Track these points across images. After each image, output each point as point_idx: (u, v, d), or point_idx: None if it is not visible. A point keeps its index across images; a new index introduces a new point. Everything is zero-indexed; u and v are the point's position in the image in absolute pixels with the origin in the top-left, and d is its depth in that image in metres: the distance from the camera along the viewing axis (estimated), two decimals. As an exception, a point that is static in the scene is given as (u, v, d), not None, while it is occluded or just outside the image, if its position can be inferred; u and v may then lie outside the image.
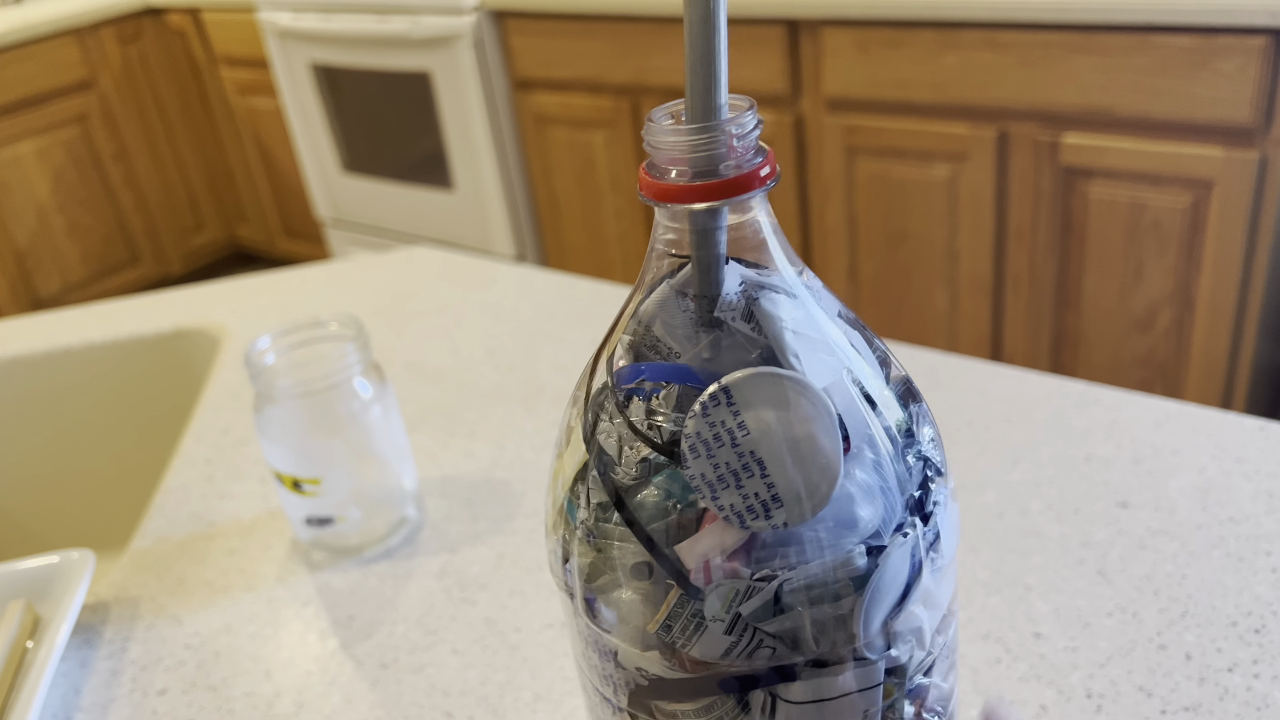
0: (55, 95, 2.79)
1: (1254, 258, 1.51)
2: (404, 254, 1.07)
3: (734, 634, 0.28)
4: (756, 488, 0.27)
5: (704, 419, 0.27)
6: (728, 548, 0.27)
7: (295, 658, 0.57)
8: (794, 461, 0.27)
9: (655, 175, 0.28)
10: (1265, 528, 0.57)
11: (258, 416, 0.61)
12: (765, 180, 0.28)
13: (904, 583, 0.28)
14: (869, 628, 0.28)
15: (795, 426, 0.27)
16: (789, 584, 0.27)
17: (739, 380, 0.27)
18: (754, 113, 0.28)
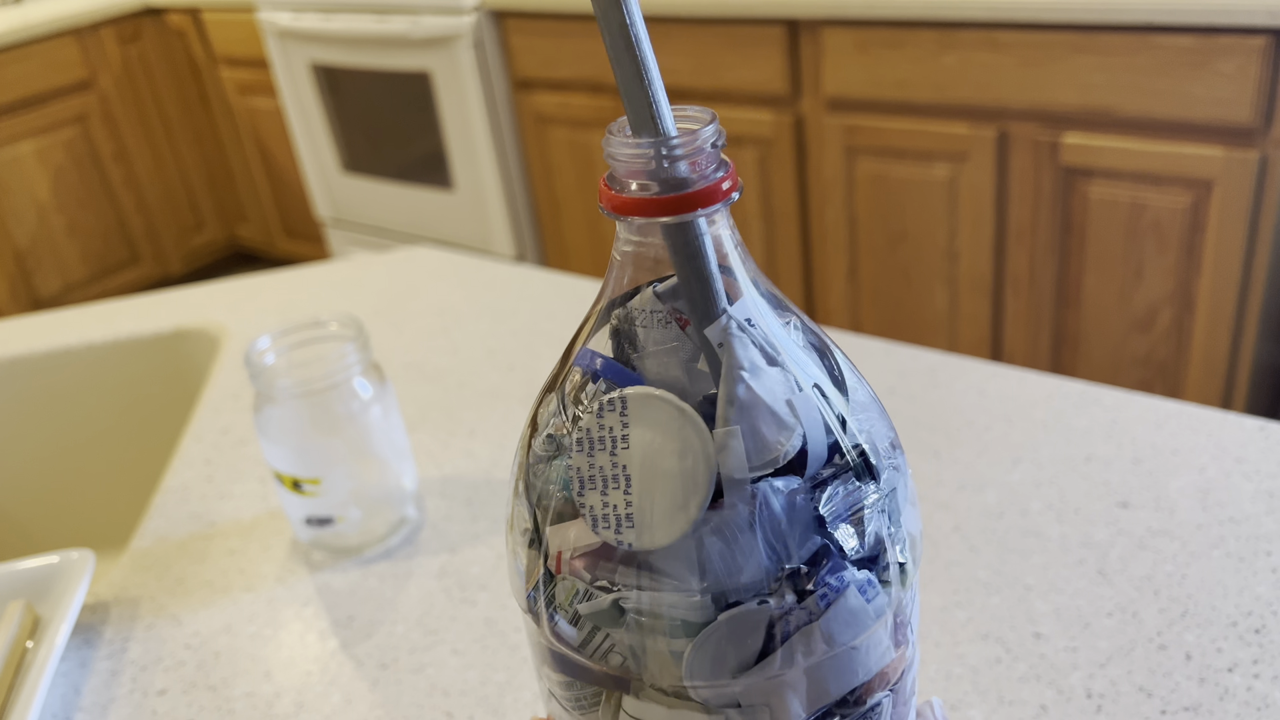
0: (55, 95, 2.79)
1: (1254, 258, 1.51)
2: (404, 254, 1.07)
3: (579, 629, 0.28)
4: (617, 500, 0.27)
5: (596, 419, 0.27)
6: (581, 547, 0.28)
7: (295, 658, 0.57)
8: (658, 490, 0.27)
9: (615, 188, 0.28)
10: (1265, 528, 0.57)
11: (258, 416, 0.61)
12: (725, 194, 0.28)
13: (756, 648, 0.27)
14: (693, 676, 0.27)
15: (671, 459, 0.27)
16: (626, 602, 0.27)
17: (638, 395, 0.27)
18: (715, 125, 0.28)
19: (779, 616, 0.27)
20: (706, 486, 0.26)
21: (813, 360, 0.30)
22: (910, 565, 0.29)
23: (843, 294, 1.96)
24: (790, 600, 0.27)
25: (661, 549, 0.27)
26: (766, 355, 0.28)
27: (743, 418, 0.27)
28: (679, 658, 0.27)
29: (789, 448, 0.27)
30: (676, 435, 0.27)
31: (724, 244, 0.29)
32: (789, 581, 0.27)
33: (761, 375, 0.27)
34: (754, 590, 0.27)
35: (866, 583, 0.27)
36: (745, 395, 0.27)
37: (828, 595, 0.27)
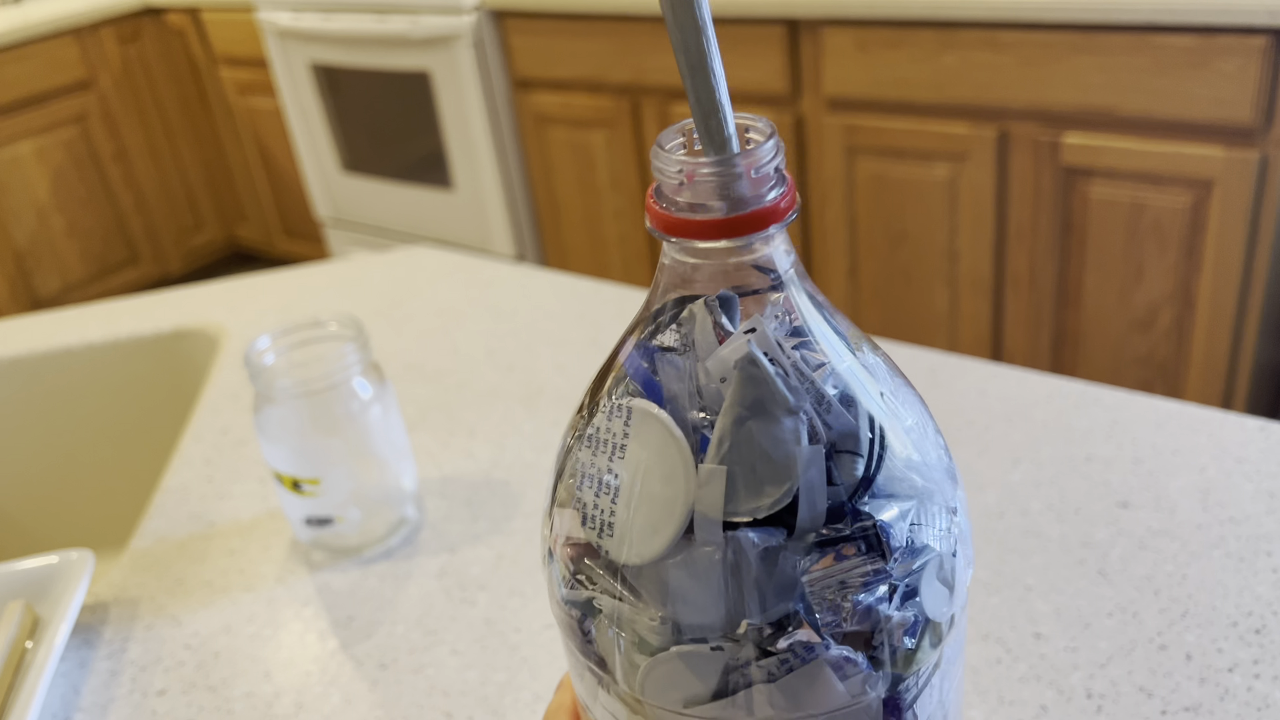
0: (55, 95, 2.79)
1: (1254, 258, 1.51)
2: (404, 254, 1.07)
3: (568, 609, 0.28)
4: (605, 506, 0.27)
5: (606, 420, 0.27)
6: (572, 537, 0.28)
7: (295, 658, 0.57)
8: (638, 510, 0.26)
9: (664, 206, 0.26)
10: (1266, 528, 0.57)
11: (257, 416, 0.61)
12: (784, 213, 0.26)
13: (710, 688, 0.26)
14: (646, 694, 0.27)
15: (655, 483, 0.26)
16: (599, 603, 0.27)
17: (641, 410, 0.26)
18: (775, 140, 0.26)
19: (734, 666, 0.26)
20: (681, 519, 0.25)
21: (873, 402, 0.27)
22: (923, 650, 0.27)
23: (843, 294, 1.96)
24: (749, 654, 0.25)
25: (638, 566, 0.26)
26: (783, 397, 0.26)
27: (732, 459, 0.25)
28: (636, 672, 0.27)
29: (777, 499, 0.25)
30: (664, 460, 0.26)
31: (778, 264, 0.27)
32: (751, 635, 0.25)
33: (765, 418, 0.25)
34: (712, 632, 0.26)
35: (843, 659, 0.26)
36: (739, 436, 0.25)
37: (789, 661, 0.25)
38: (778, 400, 0.25)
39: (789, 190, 0.26)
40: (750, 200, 0.26)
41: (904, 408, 0.28)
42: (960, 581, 0.28)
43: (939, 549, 0.27)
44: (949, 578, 0.27)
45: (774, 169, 0.26)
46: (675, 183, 0.26)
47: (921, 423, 0.29)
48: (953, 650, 0.29)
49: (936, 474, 0.28)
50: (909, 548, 0.26)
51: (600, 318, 0.88)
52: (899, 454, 0.27)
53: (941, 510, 0.28)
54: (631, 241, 2.25)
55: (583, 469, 0.27)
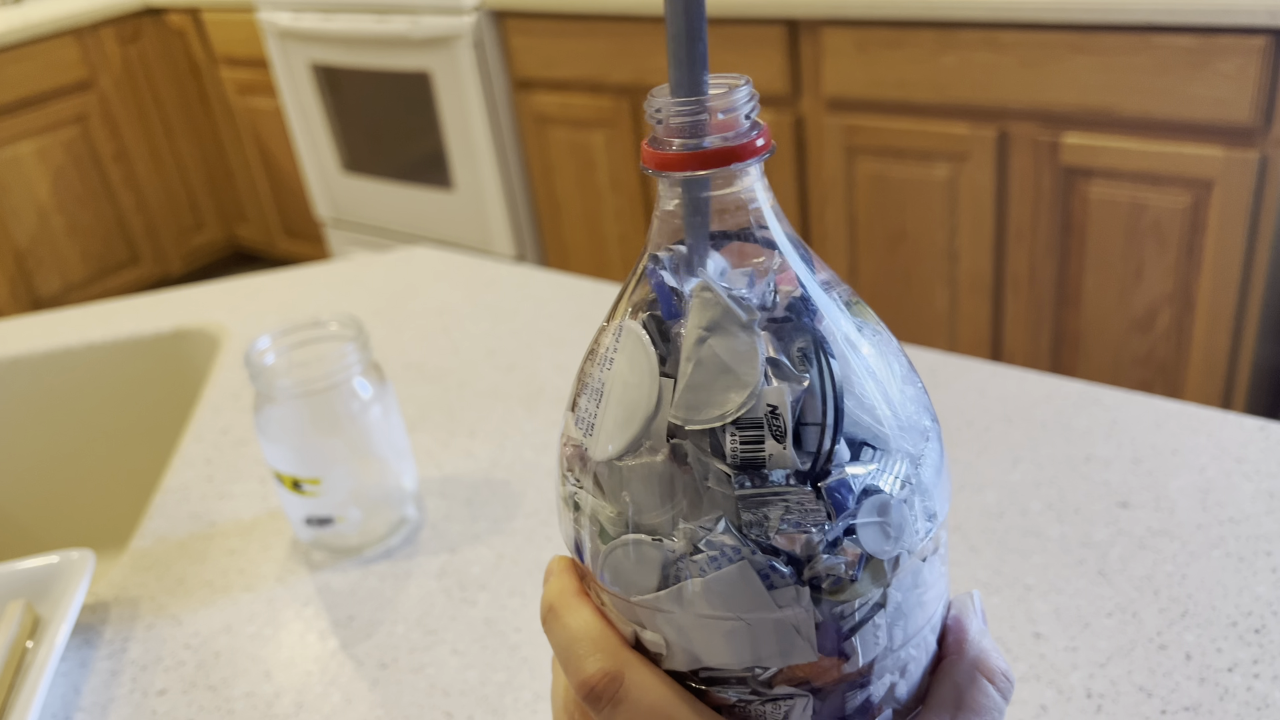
0: (55, 95, 2.79)
1: (1254, 258, 1.51)
2: (404, 254, 1.07)
3: (568, 507, 0.31)
4: (592, 409, 0.30)
5: (608, 338, 0.31)
6: (571, 437, 0.31)
7: (295, 658, 0.57)
8: (610, 414, 0.29)
9: (655, 147, 0.30)
10: (1265, 528, 0.57)
11: (258, 416, 0.61)
12: (759, 151, 0.29)
13: (653, 580, 0.29)
14: (603, 579, 0.30)
15: (627, 391, 0.29)
16: (577, 496, 0.31)
17: (630, 328, 0.30)
18: (748, 89, 0.29)
19: (671, 560, 0.28)
20: (641, 424, 0.29)
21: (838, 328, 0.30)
22: (862, 582, 0.29)
23: (843, 294, 1.96)
24: (683, 548, 0.28)
25: (602, 463, 0.29)
26: (736, 314, 0.29)
27: (696, 374, 0.28)
28: (598, 559, 0.30)
29: (741, 403, 0.28)
30: (636, 372, 0.29)
31: (759, 201, 0.30)
32: (685, 533, 0.28)
33: (722, 333, 0.28)
34: (657, 528, 0.29)
35: (769, 567, 0.28)
36: (701, 354, 0.28)
37: (718, 560, 0.28)
38: (732, 318, 0.28)
39: (763, 133, 0.29)
40: (728, 137, 0.29)
41: (869, 353, 0.30)
42: (909, 528, 0.29)
43: (888, 493, 0.29)
44: (894, 520, 0.29)
45: (746, 114, 0.29)
46: (659, 123, 0.29)
47: (888, 369, 0.31)
48: (906, 598, 0.30)
49: (898, 422, 0.30)
50: (854, 496, 0.28)
51: (600, 318, 0.88)
52: (853, 395, 0.29)
53: (900, 459, 0.29)
54: (631, 241, 2.25)
55: (584, 377, 0.31)
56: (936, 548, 0.31)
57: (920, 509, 0.30)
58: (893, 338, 0.32)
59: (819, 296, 0.30)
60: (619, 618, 0.31)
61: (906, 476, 0.29)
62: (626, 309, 0.31)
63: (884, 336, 0.31)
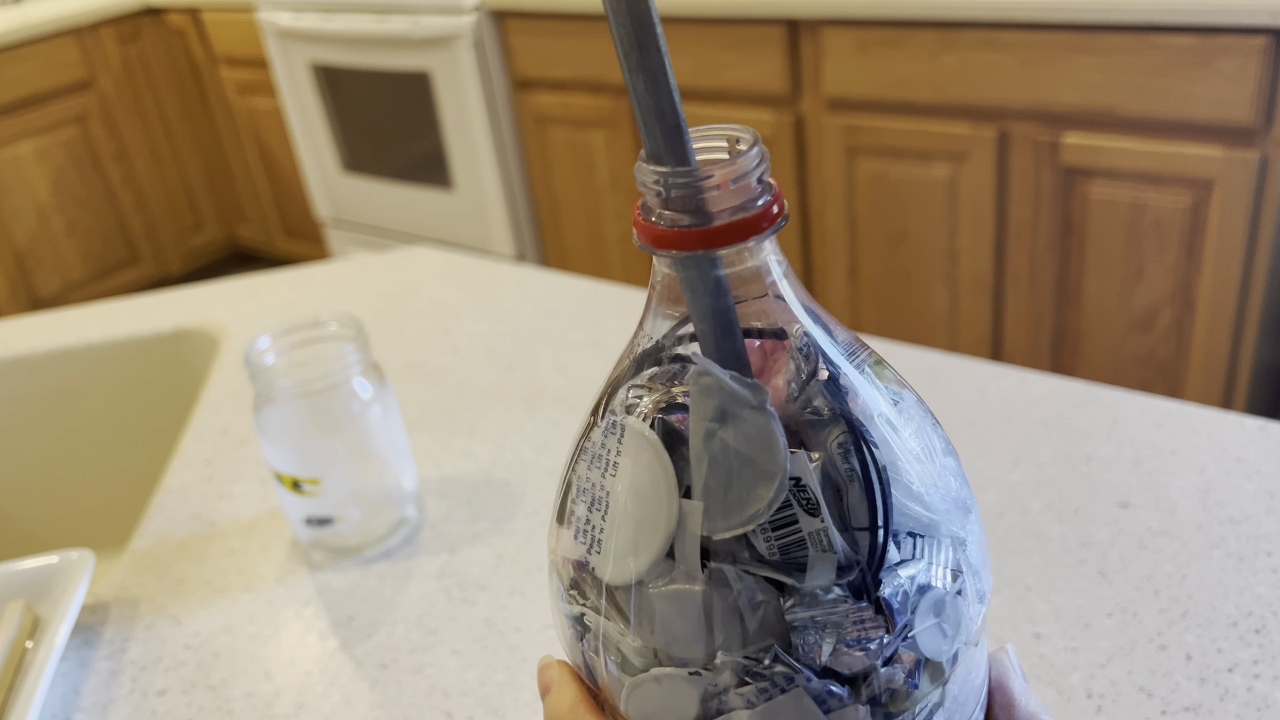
0: (55, 95, 2.79)
1: (1254, 258, 1.51)
2: (404, 254, 1.07)
3: (567, 620, 0.28)
4: (596, 522, 0.26)
5: (603, 435, 0.27)
6: (569, 550, 0.28)
7: (295, 658, 0.57)
8: (623, 529, 0.26)
9: (650, 219, 0.26)
10: (1266, 528, 0.57)
11: (257, 416, 0.61)
12: (774, 220, 0.25)
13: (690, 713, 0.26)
14: (629, 713, 0.27)
15: (640, 504, 0.25)
16: (588, 619, 0.27)
17: (634, 428, 0.26)
18: (759, 149, 0.25)
19: (712, 694, 0.25)
20: (662, 543, 0.25)
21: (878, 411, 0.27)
22: (922, 688, 0.26)
23: (843, 294, 1.96)
24: (726, 681, 0.25)
25: (622, 588, 0.26)
26: (743, 395, 0.25)
27: (713, 474, 0.25)
28: (620, 689, 0.27)
29: (770, 499, 0.24)
30: (650, 483, 0.25)
31: (773, 273, 0.26)
32: (729, 664, 0.25)
33: (733, 421, 0.25)
34: (691, 660, 0.25)
35: (826, 693, 0.25)
36: (713, 449, 0.25)
37: (768, 691, 0.25)
38: (739, 400, 0.25)
39: (775, 199, 0.25)
40: (735, 209, 0.25)
41: (907, 430, 0.27)
42: (965, 619, 0.27)
43: (942, 588, 0.26)
44: (950, 616, 0.26)
45: (756, 179, 0.25)
46: (656, 194, 0.25)
47: (928, 448, 0.27)
48: (960, 688, 0.27)
49: (944, 504, 0.27)
50: (908, 595, 0.25)
51: (600, 318, 0.88)
52: (901, 485, 0.26)
53: (948, 544, 0.27)
54: (631, 241, 2.25)
55: (579, 482, 0.27)
56: (984, 624, 0.28)
57: (972, 593, 0.27)
58: (920, 401, 0.28)
59: (850, 373, 0.27)
60: None
61: (956, 564, 0.27)
62: (623, 403, 0.27)
63: (916, 405, 0.28)
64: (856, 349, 0.28)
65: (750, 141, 0.26)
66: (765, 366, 0.27)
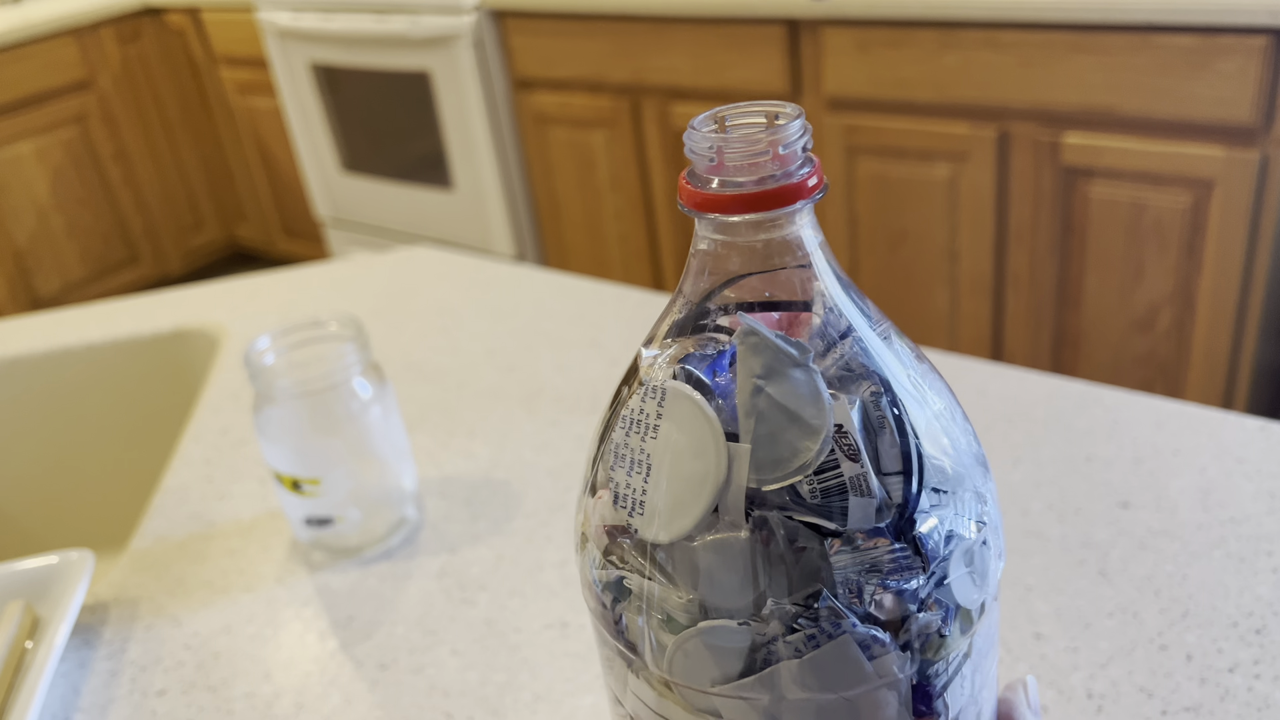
0: (54, 95, 2.79)
1: (1255, 258, 1.51)
2: (404, 254, 1.07)
3: (601, 592, 0.29)
4: (637, 485, 0.27)
5: (640, 400, 0.27)
6: (605, 517, 0.29)
7: (294, 658, 0.57)
8: (668, 489, 0.26)
9: (696, 184, 0.27)
10: (1266, 528, 0.57)
11: (257, 416, 0.61)
12: (812, 191, 0.27)
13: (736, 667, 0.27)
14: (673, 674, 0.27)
15: (685, 462, 0.26)
16: (629, 582, 0.28)
17: (675, 390, 0.27)
18: (802, 121, 0.27)
19: (761, 644, 0.26)
20: (710, 498, 0.26)
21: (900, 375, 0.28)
22: (953, 636, 0.27)
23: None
24: (775, 630, 0.26)
25: (665, 546, 0.27)
26: (788, 353, 0.26)
27: (760, 429, 0.26)
28: (664, 651, 0.27)
29: (816, 450, 0.26)
30: (696, 440, 0.26)
31: (809, 243, 0.28)
32: (777, 612, 0.26)
33: (778, 379, 0.26)
34: (739, 611, 0.26)
35: (870, 638, 0.26)
36: (759, 405, 0.26)
37: (816, 638, 0.26)
38: (785, 359, 0.26)
39: (815, 170, 0.27)
40: (778, 176, 0.26)
41: (931, 392, 0.28)
42: (991, 570, 0.28)
43: (969, 537, 0.27)
44: (978, 566, 0.27)
45: (801, 148, 0.27)
46: (706, 160, 0.27)
47: (950, 407, 0.29)
48: (984, 641, 0.29)
49: (966, 460, 0.28)
50: (940, 540, 0.27)
51: (600, 318, 0.88)
52: (928, 441, 0.27)
53: (971, 497, 0.28)
54: (631, 241, 2.25)
55: (617, 449, 0.28)
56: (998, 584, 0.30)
57: (994, 548, 0.28)
58: (935, 370, 0.30)
59: (876, 338, 0.28)
60: (687, 709, 0.28)
61: (979, 516, 0.28)
62: (661, 368, 0.28)
63: (937, 375, 0.30)
64: (880, 320, 0.29)
65: (794, 114, 0.27)
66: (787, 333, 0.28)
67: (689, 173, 0.28)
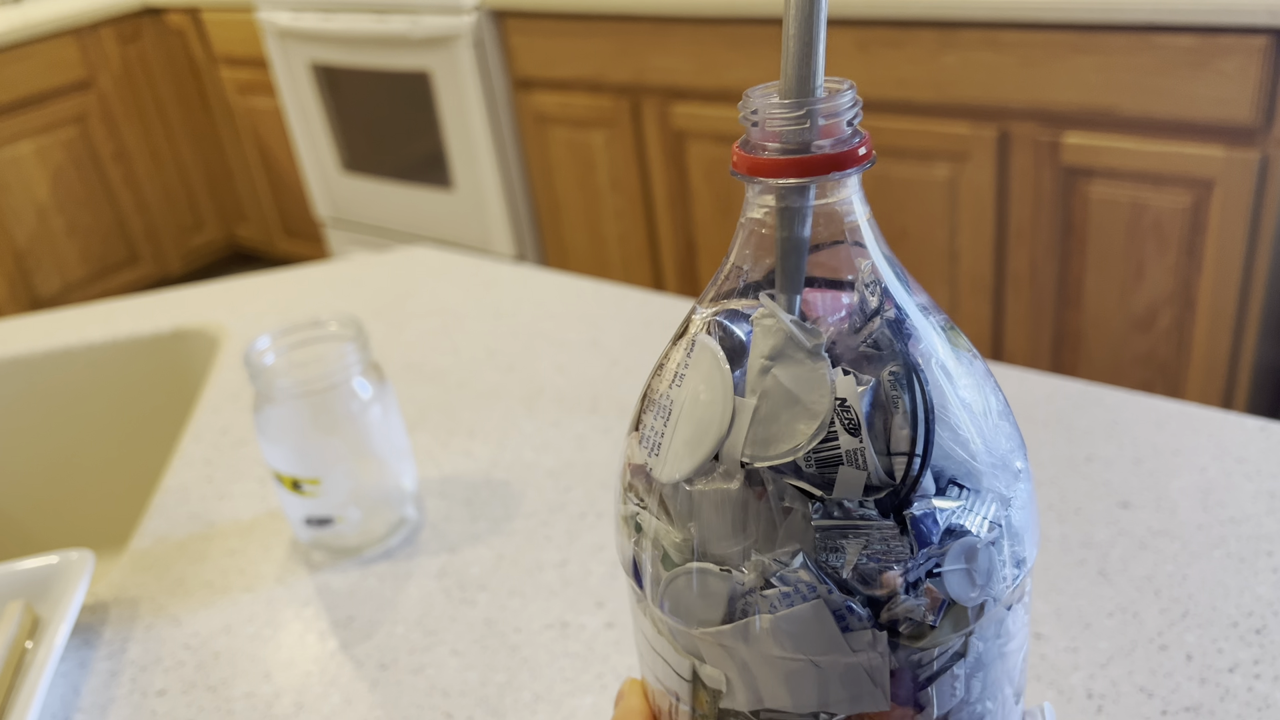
0: (54, 95, 2.79)
1: (1255, 258, 1.51)
2: (404, 254, 1.07)
3: (624, 526, 0.30)
4: (659, 428, 0.29)
5: (678, 353, 0.29)
6: (633, 457, 0.30)
7: (295, 658, 0.57)
8: (679, 433, 0.28)
9: (749, 150, 0.28)
10: (1266, 528, 0.57)
11: (257, 416, 0.61)
12: (862, 160, 0.27)
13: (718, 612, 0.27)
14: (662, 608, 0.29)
15: (698, 409, 0.27)
16: (640, 519, 0.29)
17: (703, 343, 0.28)
18: (853, 94, 0.28)
19: (740, 594, 0.27)
20: (712, 445, 0.27)
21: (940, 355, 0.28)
22: (942, 629, 0.27)
23: (843, 294, 1.96)
24: (754, 582, 0.26)
25: (670, 485, 0.28)
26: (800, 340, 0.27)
27: (762, 406, 0.27)
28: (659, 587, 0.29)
29: (812, 434, 0.26)
30: (709, 389, 0.27)
31: (856, 214, 0.28)
32: (759, 565, 0.26)
33: (786, 362, 0.27)
34: (726, 559, 0.27)
35: (845, 607, 0.26)
36: (766, 384, 0.27)
37: (790, 597, 0.26)
38: (796, 344, 0.27)
39: (865, 141, 0.27)
40: (828, 144, 0.27)
41: (971, 388, 0.28)
42: (997, 573, 0.27)
43: (975, 534, 0.27)
44: (981, 565, 0.27)
45: (850, 119, 0.27)
46: (756, 125, 0.28)
47: (990, 408, 0.29)
48: (989, 650, 0.28)
49: (991, 459, 0.28)
50: (940, 530, 0.26)
51: (600, 318, 0.88)
52: (950, 432, 0.27)
53: (990, 498, 0.28)
54: (631, 241, 2.25)
55: (650, 394, 0.30)
56: (1022, 595, 0.29)
57: (1009, 554, 0.28)
58: (988, 370, 0.30)
59: (916, 319, 0.28)
60: (676, 649, 0.29)
61: (996, 518, 0.27)
62: (702, 323, 0.29)
63: (980, 367, 0.29)
64: (932, 309, 0.29)
65: (845, 87, 0.28)
66: (829, 308, 0.28)
67: (742, 141, 0.28)
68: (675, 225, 2.16)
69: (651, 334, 0.85)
